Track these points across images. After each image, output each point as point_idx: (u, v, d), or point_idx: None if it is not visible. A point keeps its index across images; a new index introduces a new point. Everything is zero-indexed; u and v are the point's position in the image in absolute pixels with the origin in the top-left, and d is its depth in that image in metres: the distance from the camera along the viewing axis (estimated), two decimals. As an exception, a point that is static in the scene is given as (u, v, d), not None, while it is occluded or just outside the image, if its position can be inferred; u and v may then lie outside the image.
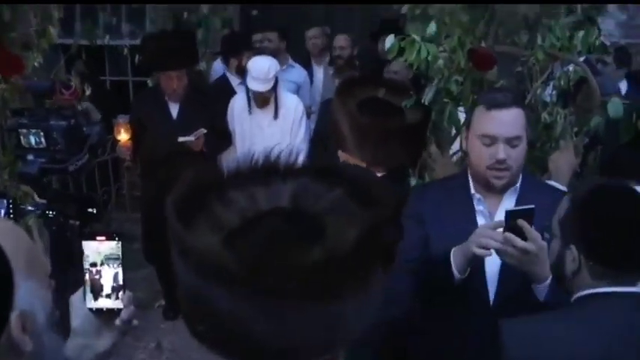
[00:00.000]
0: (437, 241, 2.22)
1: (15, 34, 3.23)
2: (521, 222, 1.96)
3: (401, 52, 2.52)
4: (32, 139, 2.38)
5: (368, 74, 4.27)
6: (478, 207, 2.27)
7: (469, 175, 2.32)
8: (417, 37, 2.47)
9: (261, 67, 4.57)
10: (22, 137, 2.38)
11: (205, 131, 4.45)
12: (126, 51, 5.78)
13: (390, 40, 2.52)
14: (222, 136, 4.75)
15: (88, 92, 4.32)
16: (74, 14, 6.39)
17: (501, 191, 2.26)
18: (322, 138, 4.72)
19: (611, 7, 2.99)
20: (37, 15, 3.28)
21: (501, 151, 2.16)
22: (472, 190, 2.28)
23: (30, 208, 2.31)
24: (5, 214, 2.10)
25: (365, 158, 2.72)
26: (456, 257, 2.09)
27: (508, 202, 2.24)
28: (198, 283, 0.94)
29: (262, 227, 0.97)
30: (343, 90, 2.94)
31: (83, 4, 5.84)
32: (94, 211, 2.27)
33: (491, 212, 2.26)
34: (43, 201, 2.33)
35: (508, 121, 2.19)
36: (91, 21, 5.91)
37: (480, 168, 2.23)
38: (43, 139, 2.36)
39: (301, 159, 1.08)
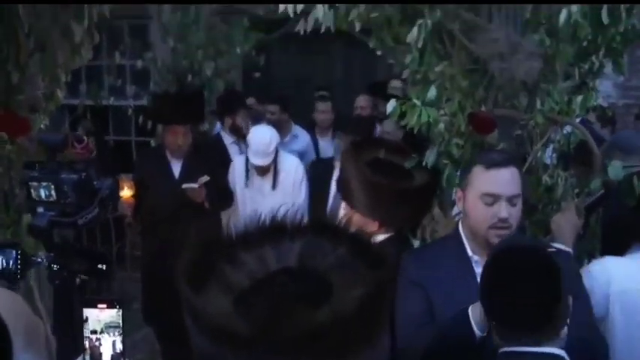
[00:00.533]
0: (440, 303, 2.22)
1: (22, 97, 3.28)
2: None
3: (402, 115, 2.56)
4: (42, 192, 2.41)
5: (369, 136, 4.34)
6: (477, 269, 2.26)
7: (462, 236, 2.33)
8: (417, 102, 2.51)
9: (261, 140, 4.59)
10: (32, 190, 2.40)
11: (208, 178, 4.44)
12: (130, 111, 5.86)
13: (391, 104, 2.57)
14: (224, 193, 4.76)
15: (94, 153, 4.36)
16: (80, 76, 6.50)
17: None
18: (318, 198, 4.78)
19: (608, 69, 3.06)
20: (45, 78, 3.33)
21: (504, 210, 2.19)
22: (469, 253, 2.28)
23: (39, 259, 2.34)
24: (14, 264, 2.14)
25: (375, 217, 2.76)
26: (475, 315, 2.05)
27: None
28: (209, 345, 0.94)
29: (271, 288, 0.98)
30: (351, 151, 3.00)
31: (89, 66, 5.92)
32: (104, 268, 2.28)
33: None
34: (51, 254, 2.35)
35: (508, 179, 2.23)
36: (96, 83, 6.01)
37: (480, 228, 2.24)
38: (53, 192, 2.39)
39: (306, 218, 1.09)
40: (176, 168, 4.66)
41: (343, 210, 3.01)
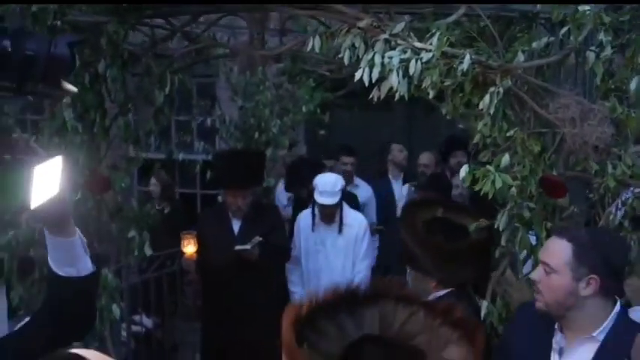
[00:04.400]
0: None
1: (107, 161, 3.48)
2: None
3: (475, 181, 2.61)
4: None
5: (427, 196, 4.42)
6: (554, 344, 2.26)
7: None
8: (491, 168, 2.56)
9: (327, 181, 4.77)
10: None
11: (261, 239, 4.50)
12: (198, 167, 6.05)
13: (464, 170, 2.63)
14: (280, 251, 4.81)
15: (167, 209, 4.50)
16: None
17: (557, 319, 2.24)
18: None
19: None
20: (128, 140, 3.54)
21: (536, 271, 2.26)
22: (556, 325, 2.27)
23: None
24: None
25: (435, 276, 2.81)
26: None
27: (584, 349, 2.20)
28: None
29: (362, 356, 1.01)
30: (407, 213, 3.07)
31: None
32: None
33: (563, 349, 2.24)
34: None
35: (549, 247, 2.26)
36: (165, 138, 6.23)
37: None
38: None
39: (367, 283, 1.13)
40: (236, 226, 4.74)
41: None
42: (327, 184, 4.75)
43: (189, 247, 4.76)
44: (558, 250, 2.20)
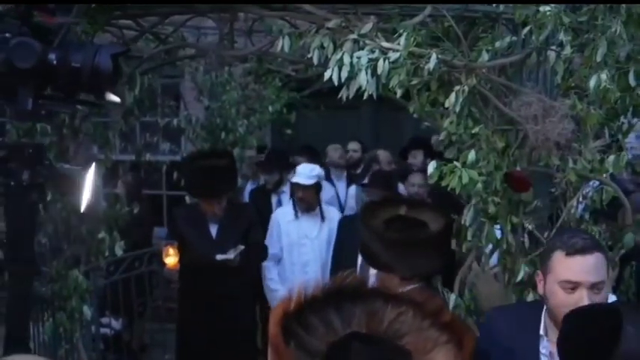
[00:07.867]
0: None
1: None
2: None
3: (441, 177, 2.69)
4: None
5: (388, 196, 4.49)
6: (542, 350, 2.26)
7: (543, 312, 2.28)
8: (457, 164, 2.64)
9: (306, 166, 4.96)
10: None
11: (243, 247, 4.52)
12: (165, 167, 6.02)
13: (432, 166, 2.70)
14: (258, 250, 4.84)
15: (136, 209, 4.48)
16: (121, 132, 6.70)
17: None
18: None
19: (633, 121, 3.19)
20: (97, 141, 3.54)
21: (586, 298, 2.08)
22: (541, 331, 2.26)
23: None
24: None
25: (398, 272, 2.84)
26: None
27: None
28: None
29: (349, 356, 0.99)
30: (367, 212, 3.10)
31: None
32: None
33: (553, 353, 2.23)
34: None
35: (591, 266, 2.12)
36: (131, 140, 6.20)
37: (559, 314, 2.09)
38: None
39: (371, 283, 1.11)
40: (214, 229, 4.74)
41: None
42: (305, 168, 4.92)
43: (170, 259, 4.70)
44: (599, 263, 2.12)
